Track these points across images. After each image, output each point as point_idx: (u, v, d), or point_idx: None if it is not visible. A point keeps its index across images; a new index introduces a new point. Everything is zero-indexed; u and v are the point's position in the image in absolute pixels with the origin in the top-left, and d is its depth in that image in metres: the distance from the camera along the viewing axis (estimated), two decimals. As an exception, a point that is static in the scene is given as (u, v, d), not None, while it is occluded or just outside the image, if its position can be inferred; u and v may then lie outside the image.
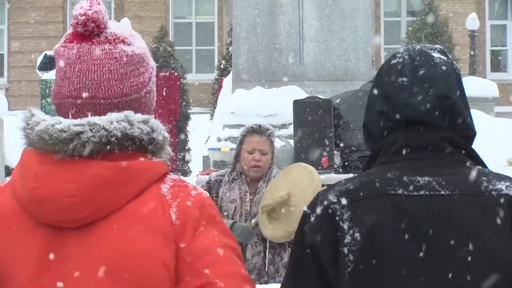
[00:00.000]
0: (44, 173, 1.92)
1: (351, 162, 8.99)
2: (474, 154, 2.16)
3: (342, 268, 2.03)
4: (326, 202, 2.10)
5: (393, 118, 2.15)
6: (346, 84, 12.23)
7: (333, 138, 8.98)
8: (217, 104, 14.69)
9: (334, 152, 9.09)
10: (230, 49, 18.60)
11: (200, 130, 19.10)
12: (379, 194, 2.07)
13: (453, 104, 2.13)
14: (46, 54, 19.24)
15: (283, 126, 11.62)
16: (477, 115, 16.61)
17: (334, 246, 2.05)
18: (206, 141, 15.84)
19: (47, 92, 17.68)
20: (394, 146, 2.14)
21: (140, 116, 1.98)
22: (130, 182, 1.93)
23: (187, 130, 19.40)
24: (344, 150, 9.15)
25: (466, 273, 2.00)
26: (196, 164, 17.13)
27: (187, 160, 18.58)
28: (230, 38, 18.93)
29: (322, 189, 2.32)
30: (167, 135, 2.02)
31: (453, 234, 2.02)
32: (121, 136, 1.93)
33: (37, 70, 20.10)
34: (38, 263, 1.92)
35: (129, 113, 1.96)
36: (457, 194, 2.06)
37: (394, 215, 2.04)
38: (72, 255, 1.91)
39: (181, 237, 1.93)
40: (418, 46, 2.24)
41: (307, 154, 8.92)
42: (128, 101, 2.00)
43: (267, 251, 5.44)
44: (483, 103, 20.44)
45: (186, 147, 18.95)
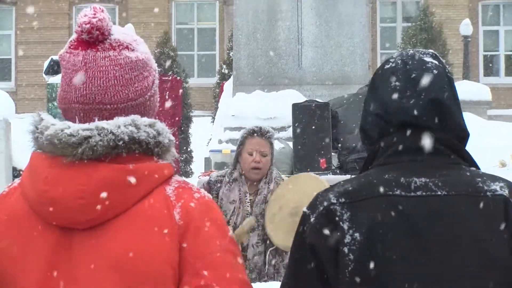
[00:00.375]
0: (54, 176, 1.92)
1: (348, 164, 8.98)
2: (467, 156, 2.16)
3: (342, 267, 2.03)
4: (326, 203, 2.10)
5: (387, 120, 2.15)
6: (344, 88, 12.23)
7: (330, 140, 8.98)
8: (218, 107, 14.69)
9: (332, 153, 9.09)
10: (231, 54, 18.61)
11: (201, 133, 19.08)
12: (378, 195, 2.07)
13: (444, 106, 2.13)
14: (52, 59, 19.22)
15: (282, 128, 11.62)
16: (470, 118, 16.62)
17: (334, 246, 2.05)
18: (208, 143, 15.83)
19: (54, 95, 17.67)
20: (391, 148, 2.14)
21: (146, 120, 1.98)
22: (137, 184, 1.93)
23: (189, 133, 19.39)
24: (341, 152, 9.15)
25: (462, 272, 2.00)
26: (198, 165, 17.13)
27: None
28: (231, 44, 18.95)
29: (321, 190, 2.31)
30: (173, 138, 2.02)
31: (449, 234, 2.02)
32: (128, 139, 1.93)
33: (43, 74, 20.09)
34: (48, 263, 1.92)
35: (135, 117, 1.97)
36: (453, 194, 2.06)
37: (392, 215, 2.04)
38: (81, 256, 1.92)
39: (184, 237, 1.93)
40: (411, 51, 2.24)
41: (306, 156, 8.92)
42: (133, 105, 2.01)
43: (268, 252, 5.43)
44: (476, 107, 20.46)
45: (188, 149, 18.95)
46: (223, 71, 21.62)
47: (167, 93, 16.94)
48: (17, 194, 2.01)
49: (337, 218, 2.07)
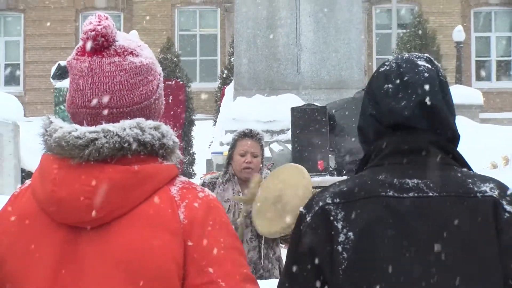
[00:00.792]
0: (62, 177, 1.92)
1: (345, 165, 8.98)
2: (459, 157, 2.16)
3: (336, 265, 2.03)
4: (321, 203, 2.10)
5: (381, 122, 2.15)
6: (341, 92, 12.23)
7: (328, 143, 8.97)
8: (219, 111, 14.70)
9: (329, 155, 9.09)
10: (232, 59, 18.61)
11: (204, 135, 19.09)
12: (371, 196, 2.07)
13: (435, 108, 2.12)
14: (59, 64, 19.22)
15: (282, 131, 11.63)
16: (463, 121, 16.61)
17: (329, 245, 2.04)
18: (210, 145, 15.84)
19: (61, 99, 17.67)
20: (384, 149, 2.13)
21: (151, 122, 1.98)
22: (142, 185, 1.93)
23: (192, 135, 19.39)
24: (338, 153, 9.14)
25: (453, 271, 2.00)
26: (200, 167, 17.13)
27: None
28: (232, 49, 18.94)
29: (316, 190, 2.32)
30: (177, 140, 2.02)
31: (440, 234, 2.02)
32: (133, 142, 1.94)
33: (51, 79, 20.10)
34: (56, 261, 1.93)
35: (141, 120, 1.97)
36: (444, 195, 2.06)
37: (385, 216, 2.04)
38: (88, 254, 1.92)
39: (189, 235, 1.92)
40: (406, 55, 2.24)
41: (304, 157, 8.91)
42: (139, 108, 2.01)
43: (262, 246, 5.48)
44: (469, 110, 20.45)
45: (191, 151, 18.95)
46: (224, 76, 21.63)
47: (171, 97, 16.95)
48: (27, 194, 2.02)
49: (331, 218, 2.07)
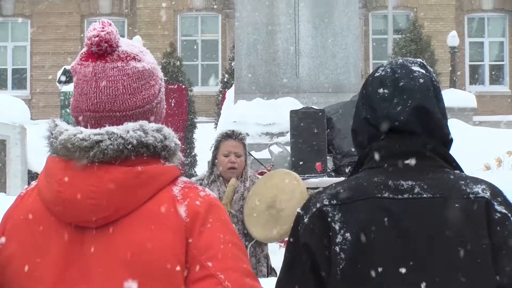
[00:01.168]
0: (67, 178, 1.92)
1: (342, 167, 8.99)
2: (452, 160, 2.16)
3: (334, 265, 2.03)
4: (318, 205, 2.10)
5: (376, 126, 2.15)
6: (338, 95, 12.23)
7: (326, 145, 8.98)
8: (221, 114, 14.70)
9: (327, 157, 9.09)
10: (232, 64, 18.61)
11: (205, 138, 19.08)
12: (367, 197, 2.07)
13: (429, 113, 2.13)
14: (65, 68, 19.25)
15: (281, 134, 11.63)
16: (457, 124, 16.61)
17: (327, 245, 2.04)
18: (211, 147, 15.83)
19: (66, 103, 17.70)
20: (379, 152, 2.13)
21: (154, 125, 1.99)
22: (146, 185, 1.94)
23: (194, 138, 19.39)
24: (336, 155, 9.15)
25: (447, 269, 2.00)
26: (201, 168, 17.13)
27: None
28: (233, 54, 18.94)
29: (314, 192, 2.32)
30: (179, 142, 2.02)
31: (434, 234, 2.02)
32: (136, 143, 1.94)
33: (57, 83, 20.12)
34: (63, 260, 1.93)
35: (144, 122, 1.97)
36: (437, 197, 2.06)
37: (381, 216, 2.04)
38: (93, 252, 1.92)
39: (190, 232, 1.93)
40: (400, 60, 2.23)
41: (303, 159, 8.92)
42: (141, 112, 2.01)
43: (249, 244, 5.49)
44: (463, 113, 20.47)
45: (193, 153, 18.95)
46: (225, 80, 21.64)
47: (173, 100, 16.95)
48: (34, 195, 2.02)
49: (329, 219, 2.07)
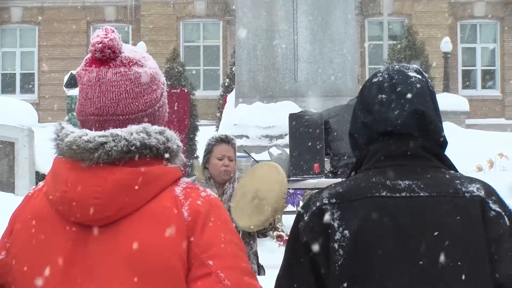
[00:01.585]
0: (73, 178, 1.92)
1: (340, 168, 8.98)
2: (446, 160, 2.17)
3: (333, 262, 2.03)
4: (318, 203, 2.10)
5: (374, 129, 2.15)
6: (335, 99, 12.23)
7: (323, 147, 8.97)
8: (222, 117, 14.70)
9: (325, 159, 9.08)
10: (233, 69, 18.62)
11: (207, 140, 19.07)
12: (365, 196, 2.07)
13: (426, 116, 2.13)
14: (71, 73, 19.23)
15: (280, 136, 11.64)
16: (450, 127, 16.63)
17: (326, 242, 2.04)
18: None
19: (73, 106, 17.69)
20: (377, 154, 2.14)
21: (156, 127, 1.98)
22: (148, 185, 1.93)
23: (196, 140, 19.39)
24: (333, 157, 9.14)
25: (443, 265, 2.00)
26: (203, 170, 17.09)
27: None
28: (233, 59, 18.95)
29: (314, 192, 2.32)
30: (181, 144, 2.02)
31: (431, 231, 2.02)
32: (140, 145, 1.94)
33: (63, 87, 20.10)
34: (67, 258, 1.93)
35: (147, 125, 1.97)
36: (434, 195, 2.06)
37: (379, 215, 2.04)
38: (97, 250, 1.92)
39: (192, 231, 1.92)
40: (397, 66, 2.24)
41: (301, 161, 8.91)
42: (143, 115, 2.01)
43: None
44: (456, 116, 20.48)
45: (195, 155, 18.95)
46: (226, 84, 21.65)
47: (176, 103, 16.95)
48: (41, 195, 2.02)
49: (328, 217, 2.07)
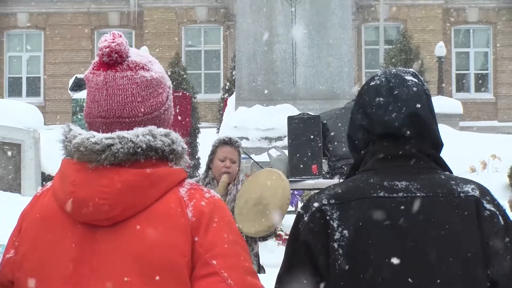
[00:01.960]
0: (80, 179, 1.92)
1: (337, 169, 8.98)
2: (442, 162, 2.17)
3: (332, 260, 2.03)
4: (318, 204, 2.10)
5: (372, 132, 2.15)
6: (333, 102, 12.23)
7: (321, 149, 8.97)
8: (222, 119, 14.69)
9: (322, 160, 9.08)
10: (233, 72, 18.61)
11: (208, 142, 19.06)
12: (364, 197, 2.07)
13: (422, 119, 2.13)
14: (76, 77, 19.22)
15: (279, 138, 11.63)
16: (444, 129, 16.62)
17: (325, 242, 2.04)
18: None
19: (77, 109, 17.67)
20: (375, 155, 2.13)
21: (162, 130, 1.98)
22: (154, 186, 1.93)
23: (197, 142, 19.37)
24: (331, 158, 9.14)
25: (439, 263, 2.00)
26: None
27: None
28: (234, 64, 18.94)
29: (314, 192, 2.32)
30: (185, 146, 2.02)
31: (427, 230, 2.02)
32: (146, 147, 1.94)
33: (68, 91, 20.09)
34: (75, 256, 1.93)
35: (152, 127, 1.97)
36: (430, 196, 2.06)
37: (376, 214, 2.04)
38: (104, 249, 1.92)
39: (196, 232, 1.92)
40: (394, 70, 2.23)
41: (300, 162, 8.91)
42: (149, 118, 2.01)
43: None
44: (450, 119, 20.47)
45: (196, 156, 18.93)
46: (227, 88, 21.61)
47: (178, 106, 16.94)
48: (49, 195, 2.02)
49: (327, 217, 2.07)
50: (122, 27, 29.27)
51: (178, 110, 17.04)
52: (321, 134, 9.02)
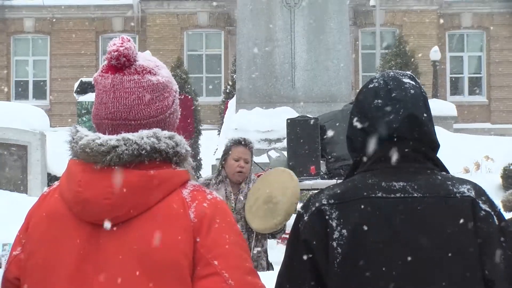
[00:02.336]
0: (86, 180, 1.92)
1: (335, 170, 8.98)
2: (439, 163, 2.16)
3: (331, 259, 2.03)
4: (317, 204, 2.10)
5: (370, 133, 2.14)
6: (330, 105, 12.23)
7: (319, 150, 8.98)
8: (223, 122, 14.70)
9: (320, 161, 9.09)
10: (234, 76, 18.61)
11: (209, 144, 19.07)
12: (362, 197, 2.07)
13: (420, 121, 2.13)
14: (81, 80, 19.20)
15: (278, 140, 11.63)
16: (439, 131, 16.58)
17: (325, 241, 2.04)
18: (214, 152, 15.82)
19: (82, 112, 17.65)
20: (373, 157, 2.13)
21: (166, 132, 1.98)
22: (157, 187, 1.93)
23: (199, 143, 19.38)
24: (329, 160, 9.14)
25: (435, 262, 2.00)
26: (206, 171, 17.11)
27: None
28: (234, 67, 18.94)
29: (313, 193, 2.32)
30: (189, 149, 2.02)
31: (424, 230, 2.02)
32: (150, 149, 1.94)
33: (74, 94, 20.08)
34: (80, 255, 1.93)
35: (157, 130, 1.97)
36: (427, 196, 2.06)
37: (375, 214, 2.04)
38: (108, 248, 1.92)
39: (198, 232, 1.92)
40: (391, 72, 2.23)
41: (298, 163, 8.91)
42: (155, 121, 2.00)
43: (252, 239, 5.52)
44: (444, 121, 20.47)
45: (198, 158, 18.93)
46: (228, 91, 21.62)
47: (180, 109, 16.94)
48: (56, 194, 2.02)
49: (327, 217, 2.07)
50: (126, 32, 29.26)
51: (180, 113, 17.04)
52: (319, 135, 9.02)
